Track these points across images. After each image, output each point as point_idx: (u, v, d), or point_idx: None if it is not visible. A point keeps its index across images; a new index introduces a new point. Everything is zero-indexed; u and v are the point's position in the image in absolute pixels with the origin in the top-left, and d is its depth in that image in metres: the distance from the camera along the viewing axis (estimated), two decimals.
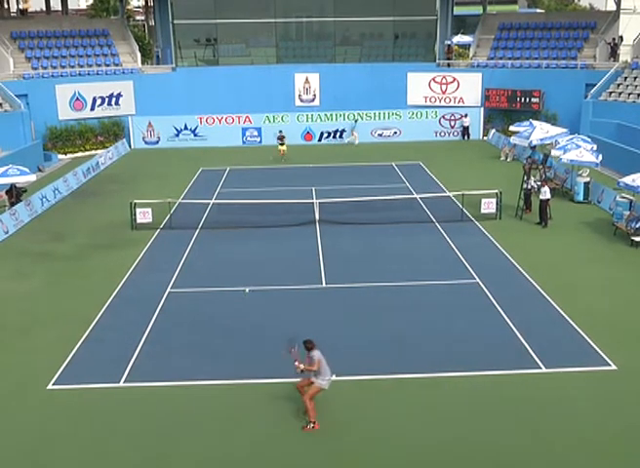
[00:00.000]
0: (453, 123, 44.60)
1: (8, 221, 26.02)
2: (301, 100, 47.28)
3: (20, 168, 28.06)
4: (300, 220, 26.08)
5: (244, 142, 44.28)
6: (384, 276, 20.45)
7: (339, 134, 43.81)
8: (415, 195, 29.18)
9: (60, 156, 41.37)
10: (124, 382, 14.39)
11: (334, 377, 14.45)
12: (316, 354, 12.82)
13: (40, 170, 37.32)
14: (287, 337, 13.29)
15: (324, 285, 20.02)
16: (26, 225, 27.06)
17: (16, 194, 28.66)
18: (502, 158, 38.04)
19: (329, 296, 19.18)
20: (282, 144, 39.29)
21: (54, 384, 14.60)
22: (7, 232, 25.59)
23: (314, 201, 27.19)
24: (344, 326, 17.16)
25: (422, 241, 23.82)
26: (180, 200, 28.65)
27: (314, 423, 12.75)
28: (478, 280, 19.99)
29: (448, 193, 29.03)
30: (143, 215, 25.94)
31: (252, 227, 25.58)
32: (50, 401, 13.98)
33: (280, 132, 40.25)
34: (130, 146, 43.94)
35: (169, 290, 19.83)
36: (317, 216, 26.18)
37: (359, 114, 43.81)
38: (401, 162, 37.41)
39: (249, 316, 17.87)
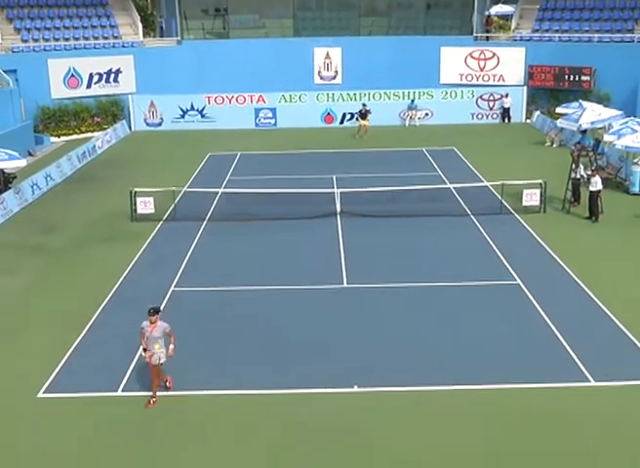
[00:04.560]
0: (491, 104, 44.36)
1: None
2: (322, 78, 47.24)
3: (9, 152, 28.28)
4: (318, 212, 26.06)
5: (257, 125, 44.36)
6: (413, 275, 20.39)
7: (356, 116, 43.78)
8: (448, 185, 29.04)
9: (53, 139, 41.65)
10: (122, 391, 14.47)
11: (355, 389, 14.53)
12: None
13: (31, 154, 37.62)
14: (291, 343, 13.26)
15: (345, 284, 20.00)
16: (15, 215, 27.27)
17: (4, 181, 28.92)
18: (548, 144, 37.79)
19: (350, 297, 19.16)
20: (364, 119, 39.52)
21: (44, 392, 14.71)
22: None
23: (335, 190, 27.16)
24: (367, 330, 17.14)
25: (456, 236, 23.72)
26: (185, 188, 28.74)
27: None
28: (519, 281, 19.87)
29: (485, 183, 28.89)
30: (145, 205, 26.05)
31: (265, 220, 25.60)
32: (40, 410, 14.08)
33: (364, 105, 40.29)
34: (130, 128, 44.16)
35: (172, 288, 19.91)
36: (338, 208, 26.15)
37: (386, 93, 43.71)
38: (433, 147, 37.30)
39: (260, 319, 17.90)
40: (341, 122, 44.27)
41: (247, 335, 17.01)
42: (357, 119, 41.16)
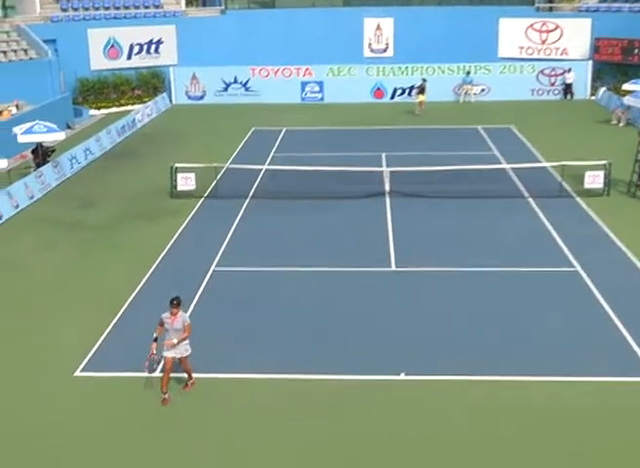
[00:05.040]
0: (553, 79, 43.73)
1: (33, 185, 26.79)
2: (372, 51, 47.03)
3: (48, 124, 28.72)
4: (366, 192, 26.09)
5: (303, 99, 44.37)
6: (465, 260, 20.33)
7: (415, 90, 43.46)
8: (504, 165, 28.85)
9: (92, 112, 42.24)
10: (160, 372, 14.73)
11: (402, 376, 14.59)
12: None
13: (69, 127, 38.19)
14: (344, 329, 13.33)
15: (393, 268, 20.03)
16: (54, 190, 27.81)
17: (42, 154, 29.42)
18: (614, 122, 37.19)
19: (398, 282, 19.20)
20: (423, 94, 39.44)
21: (82, 371, 15.06)
22: (32, 197, 26.36)
23: (384, 169, 27.14)
24: (415, 317, 17.18)
25: (512, 219, 23.56)
26: (227, 165, 28.93)
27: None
28: (578, 268, 19.68)
29: (545, 163, 28.59)
30: (185, 182, 26.32)
31: (310, 198, 25.68)
32: (77, 389, 14.43)
33: (424, 80, 40.23)
34: (171, 101, 44.52)
35: (213, 267, 20.15)
36: (387, 187, 26.14)
37: (440, 67, 43.37)
38: (489, 125, 36.97)
39: (303, 302, 18.05)
40: (392, 97, 44.04)
41: (289, 318, 17.16)
42: (415, 94, 40.79)
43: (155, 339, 13.97)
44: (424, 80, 40.49)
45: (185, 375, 14.35)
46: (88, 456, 12.30)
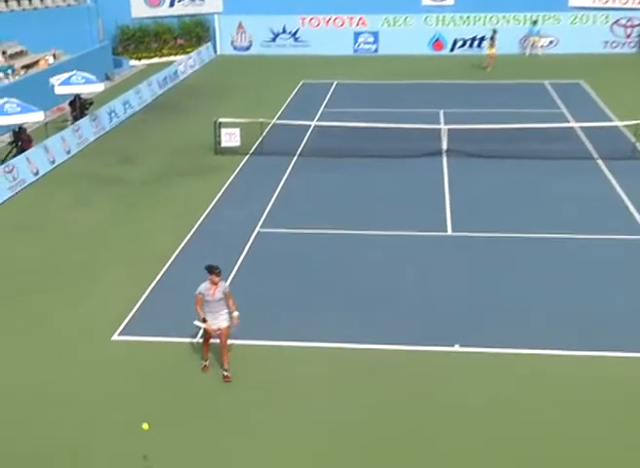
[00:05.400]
0: (629, 30, 42.74)
1: (71, 139, 27.07)
2: None
3: (86, 75, 28.95)
4: (422, 150, 25.89)
5: (356, 50, 44.06)
6: (527, 225, 20.10)
7: (477, 42, 42.80)
8: (572, 123, 28.40)
9: (133, 62, 42.45)
10: (200, 338, 14.84)
11: (456, 348, 14.52)
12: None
13: (108, 78, 38.45)
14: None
15: (449, 232, 19.90)
16: (91, 144, 28.08)
17: (80, 107, 29.69)
18: None
19: (455, 247, 19.07)
20: (493, 46, 39.08)
21: (119, 335, 15.25)
22: (69, 152, 26.66)
23: (442, 127, 26.91)
24: (472, 284, 17.05)
25: (579, 182, 23.21)
26: (274, 120, 28.90)
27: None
28: None
29: (617, 122, 28.10)
30: (230, 137, 26.35)
31: (362, 157, 25.58)
32: (114, 354, 14.63)
33: (494, 31, 39.72)
34: (215, 52, 44.53)
35: (258, 228, 20.20)
36: (445, 146, 25.93)
37: (504, 17, 42.61)
38: (557, 80, 36.43)
39: (353, 267, 18.01)
40: (452, 49, 43.51)
41: (338, 284, 17.15)
42: (488, 47, 40.11)
43: (204, 320, 13.31)
44: (495, 31, 39.81)
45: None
46: (123, 422, 12.48)
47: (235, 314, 13.38)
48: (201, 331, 14.43)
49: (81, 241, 19.79)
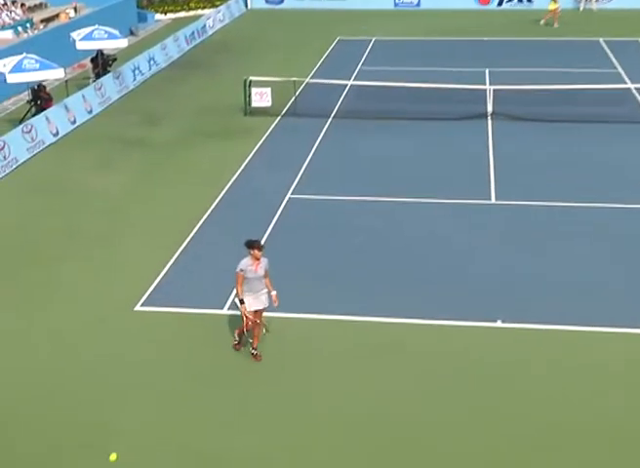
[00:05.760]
0: None
1: (92, 98, 27.12)
2: None
3: (109, 30, 28.98)
4: (466, 113, 25.73)
5: (396, 4, 43.84)
6: (577, 194, 19.89)
7: None
8: (629, 84, 28.02)
9: (158, 16, 42.41)
10: (229, 309, 14.87)
11: (499, 323, 14.42)
12: None
13: (132, 33, 38.46)
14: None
15: (493, 200, 19.77)
16: (114, 104, 28.14)
17: (102, 63, 29.74)
18: None
19: (499, 216, 18.93)
20: (555, 1, 38.67)
21: (142, 305, 15.32)
22: (90, 111, 26.73)
23: (487, 87, 26.72)
24: (517, 256, 16.90)
25: (635, 148, 22.93)
26: (308, 79, 28.80)
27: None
28: None
29: None
30: (261, 97, 26.28)
31: (401, 119, 25.44)
32: (137, 325, 14.70)
33: None
34: (246, 6, 44.35)
35: (289, 194, 20.17)
36: (490, 108, 25.74)
37: None
38: (613, 38, 35.91)
39: (390, 235, 17.95)
40: (500, 4, 43.03)
41: (374, 254, 17.09)
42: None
43: (242, 301, 12.89)
44: None
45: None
46: (144, 394, 12.58)
47: (274, 293, 13.19)
48: (229, 303, 14.46)
49: (102, 206, 19.88)
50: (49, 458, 11.18)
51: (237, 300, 13.07)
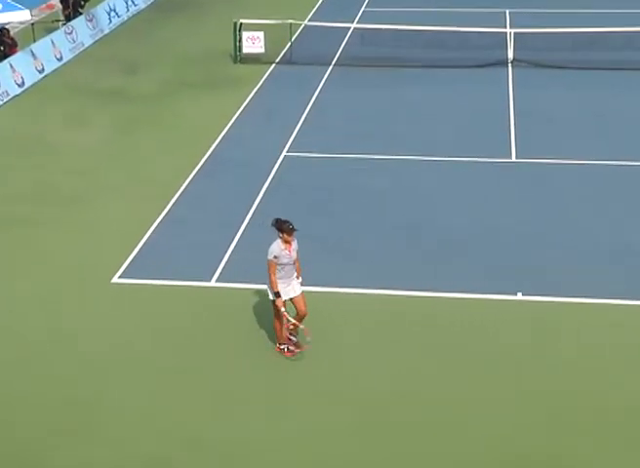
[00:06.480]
0: None
1: (62, 43, 26.97)
2: None
3: None
4: (483, 60, 25.74)
5: None
6: (603, 152, 19.92)
7: None
8: None
9: None
10: (216, 282, 14.89)
11: (519, 296, 14.46)
12: None
13: None
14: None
15: (514, 159, 19.78)
16: (87, 50, 28.03)
17: (73, 3, 29.54)
18: None
19: (520, 176, 18.95)
20: None
21: (120, 277, 15.31)
22: (60, 59, 26.60)
23: (507, 30, 26.73)
24: (540, 221, 16.92)
25: None
26: (305, 22, 28.73)
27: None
28: None
29: None
30: (253, 42, 26.19)
31: (410, 67, 25.45)
32: (114, 298, 14.68)
33: None
34: None
35: (285, 152, 20.16)
36: (510, 55, 25.73)
37: None
38: None
39: (399, 198, 17.93)
40: None
41: (381, 220, 17.07)
42: None
43: (278, 294, 12.40)
44: None
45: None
46: (125, 368, 12.64)
47: (300, 279, 12.87)
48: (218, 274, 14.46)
49: (75, 165, 19.83)
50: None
51: (271, 294, 12.52)
